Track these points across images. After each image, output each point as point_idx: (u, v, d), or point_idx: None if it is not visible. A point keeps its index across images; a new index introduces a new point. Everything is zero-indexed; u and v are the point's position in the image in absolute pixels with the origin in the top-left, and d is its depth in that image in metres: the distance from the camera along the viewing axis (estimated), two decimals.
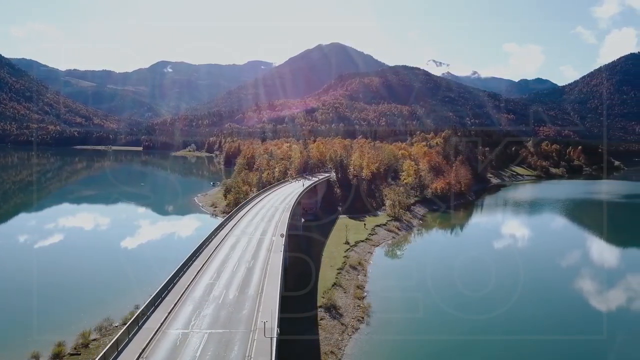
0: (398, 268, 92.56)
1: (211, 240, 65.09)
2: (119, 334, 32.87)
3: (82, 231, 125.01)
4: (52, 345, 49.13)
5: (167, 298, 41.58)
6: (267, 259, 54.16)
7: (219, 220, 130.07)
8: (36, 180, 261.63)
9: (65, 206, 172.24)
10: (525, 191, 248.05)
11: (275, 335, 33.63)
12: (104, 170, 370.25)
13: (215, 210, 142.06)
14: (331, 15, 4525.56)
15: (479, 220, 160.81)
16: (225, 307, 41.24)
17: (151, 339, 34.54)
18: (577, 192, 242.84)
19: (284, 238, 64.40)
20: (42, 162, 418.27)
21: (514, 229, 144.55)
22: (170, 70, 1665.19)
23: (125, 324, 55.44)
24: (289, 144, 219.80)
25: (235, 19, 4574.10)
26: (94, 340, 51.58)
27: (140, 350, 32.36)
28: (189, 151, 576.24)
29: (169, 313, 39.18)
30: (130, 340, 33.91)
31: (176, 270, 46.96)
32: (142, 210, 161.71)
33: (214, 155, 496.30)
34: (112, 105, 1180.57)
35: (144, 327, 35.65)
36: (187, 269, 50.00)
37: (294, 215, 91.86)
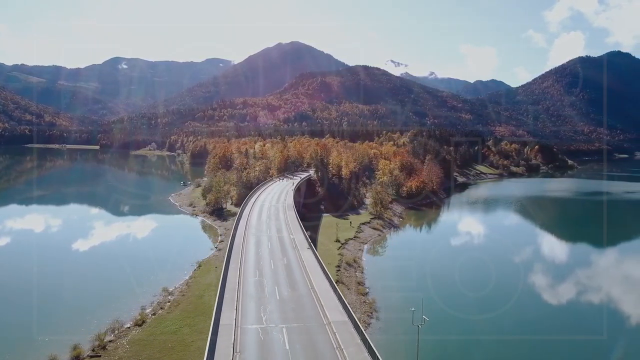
0: (390, 265, 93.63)
1: (234, 239, 64.89)
2: (210, 333, 32.72)
3: (57, 232, 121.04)
4: (56, 346, 48.63)
5: (225, 296, 41.57)
6: (298, 257, 54.68)
7: (200, 219, 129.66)
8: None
9: (30, 207, 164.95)
10: (493, 189, 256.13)
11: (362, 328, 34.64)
12: (63, 170, 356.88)
13: (194, 210, 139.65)
14: (290, 15, 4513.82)
15: (456, 217, 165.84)
16: (286, 303, 42.54)
17: (234, 334, 35.41)
18: (550, 190, 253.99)
19: (307, 236, 65.21)
20: None
21: (494, 227, 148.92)
22: (125, 66, 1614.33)
23: (137, 325, 55.08)
24: (262, 142, 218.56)
25: (192, 20, 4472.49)
26: (110, 341, 50.60)
27: (232, 345, 33.12)
28: (149, 150, 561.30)
29: (236, 310, 39.89)
30: (216, 337, 34.18)
31: (223, 270, 46.73)
32: (116, 210, 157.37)
33: (176, 154, 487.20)
34: (64, 103, 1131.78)
35: (220, 324, 35.68)
36: (228, 267, 49.83)
37: None
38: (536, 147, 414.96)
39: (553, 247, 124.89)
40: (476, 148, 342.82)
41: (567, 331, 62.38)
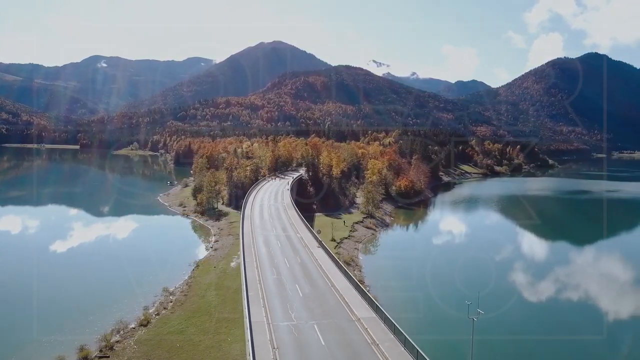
0: (387, 263, 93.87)
1: (244, 238, 65.13)
2: (247, 333, 32.72)
3: (48, 233, 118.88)
4: (61, 347, 48.61)
5: (250, 293, 41.62)
6: (311, 255, 55.09)
7: (191, 219, 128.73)
8: None
9: (11, 208, 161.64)
10: (478, 188, 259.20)
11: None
12: (42, 170, 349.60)
13: (185, 210, 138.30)
14: (272, 15, 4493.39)
15: (446, 215, 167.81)
16: (310, 300, 43.06)
17: (268, 331, 35.90)
18: (535, 189, 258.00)
19: (317, 235, 65.64)
20: None
21: (487, 226, 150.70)
22: (104, 65, 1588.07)
23: (142, 325, 54.59)
24: (250, 142, 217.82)
25: (173, 19, 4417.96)
26: (117, 342, 50.08)
27: (269, 341, 33.65)
28: (131, 150, 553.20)
29: (264, 307, 40.41)
30: (252, 334, 34.31)
31: (242, 268, 46.74)
32: (106, 211, 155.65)
33: (158, 154, 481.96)
34: (42, 101, 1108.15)
35: (253, 321, 35.74)
36: (245, 265, 49.86)
37: None
38: (518, 147, 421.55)
39: (547, 245, 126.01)
40: (460, 148, 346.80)
41: (567, 331, 62.11)
